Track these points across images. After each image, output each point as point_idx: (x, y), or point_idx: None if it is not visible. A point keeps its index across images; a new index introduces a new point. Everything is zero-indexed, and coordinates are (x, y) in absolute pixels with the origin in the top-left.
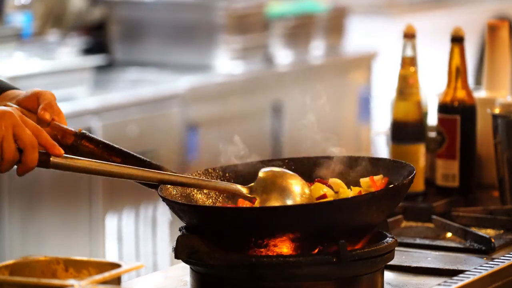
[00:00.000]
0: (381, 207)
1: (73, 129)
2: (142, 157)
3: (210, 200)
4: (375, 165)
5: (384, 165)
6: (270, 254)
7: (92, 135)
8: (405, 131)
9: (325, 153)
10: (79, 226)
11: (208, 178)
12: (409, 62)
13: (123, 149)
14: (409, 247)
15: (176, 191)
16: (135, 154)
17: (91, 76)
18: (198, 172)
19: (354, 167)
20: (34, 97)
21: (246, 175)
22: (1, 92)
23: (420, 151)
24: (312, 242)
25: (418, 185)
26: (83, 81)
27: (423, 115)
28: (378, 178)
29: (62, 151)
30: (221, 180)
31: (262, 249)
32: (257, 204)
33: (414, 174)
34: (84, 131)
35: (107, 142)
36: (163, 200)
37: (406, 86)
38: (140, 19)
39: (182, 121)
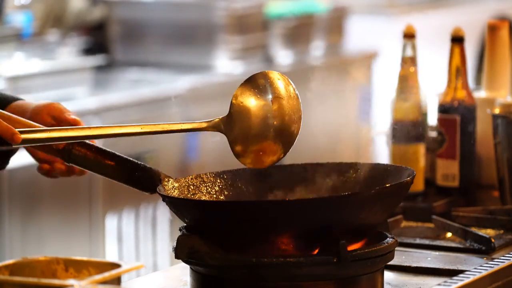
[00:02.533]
0: (383, 206)
1: None
2: (136, 160)
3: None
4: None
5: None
6: (271, 251)
7: (83, 140)
8: (405, 131)
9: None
10: (79, 226)
11: (201, 183)
12: (409, 62)
13: (116, 152)
14: (409, 247)
15: (175, 190)
16: (128, 157)
17: (91, 76)
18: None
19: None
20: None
21: (254, 180)
22: (6, 104)
23: (420, 151)
24: (312, 240)
25: (418, 185)
26: (83, 81)
27: (423, 115)
28: None
29: (20, 138)
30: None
31: (263, 247)
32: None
33: (414, 174)
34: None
35: (98, 146)
36: (163, 199)
37: (406, 86)
38: (140, 19)
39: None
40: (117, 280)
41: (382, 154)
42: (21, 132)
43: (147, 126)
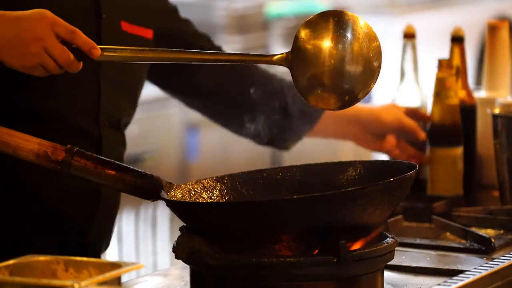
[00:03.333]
0: (387, 201)
1: (62, 146)
2: (137, 168)
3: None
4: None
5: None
6: (271, 251)
7: (82, 150)
8: (442, 134)
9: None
10: None
11: (219, 184)
12: (446, 65)
13: (116, 161)
14: (409, 247)
15: (178, 195)
16: (128, 166)
17: None
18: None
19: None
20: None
21: (254, 182)
22: None
23: (458, 154)
24: (312, 240)
25: (457, 189)
26: None
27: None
28: None
29: (99, 51)
30: (232, 191)
31: (263, 247)
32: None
33: (417, 168)
34: (73, 146)
35: (97, 155)
36: (167, 205)
37: (444, 89)
38: None
39: (182, 121)
40: (117, 280)
41: (382, 154)
42: (102, 49)
43: (218, 55)
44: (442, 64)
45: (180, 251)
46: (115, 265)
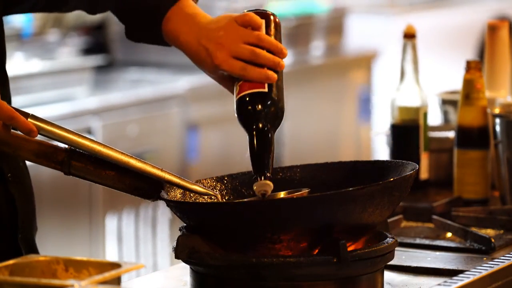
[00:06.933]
0: (387, 201)
1: (62, 146)
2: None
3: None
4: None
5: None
6: (271, 251)
7: (81, 151)
8: (470, 136)
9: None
10: (79, 226)
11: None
12: (474, 66)
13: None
14: (409, 247)
15: (178, 195)
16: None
17: (91, 76)
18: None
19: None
20: None
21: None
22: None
23: (486, 157)
24: (312, 240)
25: (486, 190)
26: (83, 81)
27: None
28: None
29: (37, 133)
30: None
31: (263, 247)
32: None
33: (417, 168)
34: (73, 148)
35: (97, 156)
36: (167, 204)
37: (473, 91)
38: None
39: (182, 121)
40: (117, 280)
41: (382, 154)
42: (38, 129)
43: (165, 173)
44: (471, 66)
45: (180, 251)
46: (115, 265)
